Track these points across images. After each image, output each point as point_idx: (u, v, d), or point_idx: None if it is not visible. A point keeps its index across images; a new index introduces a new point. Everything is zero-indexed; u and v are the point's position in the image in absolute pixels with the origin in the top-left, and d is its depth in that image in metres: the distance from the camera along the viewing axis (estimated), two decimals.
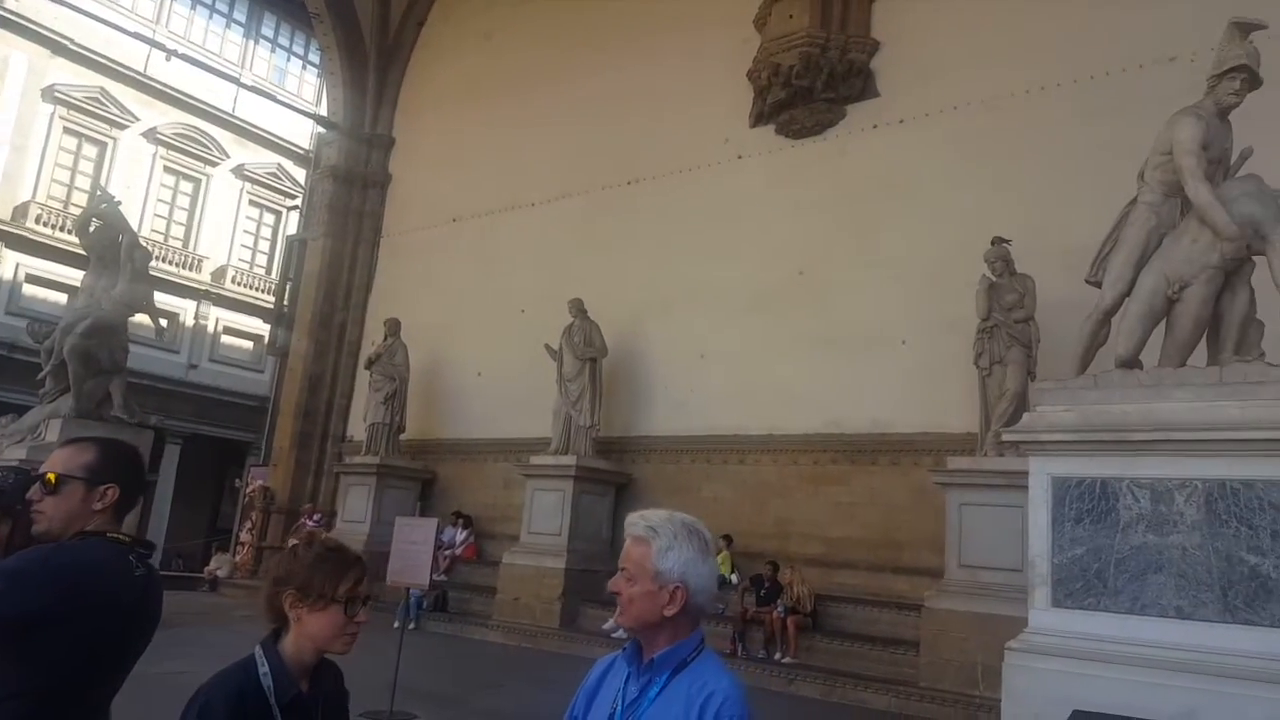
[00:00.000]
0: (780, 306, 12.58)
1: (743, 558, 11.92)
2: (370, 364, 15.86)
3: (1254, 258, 5.80)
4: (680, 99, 14.24)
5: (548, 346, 13.54)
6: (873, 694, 9.16)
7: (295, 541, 2.20)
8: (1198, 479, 5.39)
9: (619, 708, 1.97)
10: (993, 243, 10.00)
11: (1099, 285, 6.32)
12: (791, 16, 12.76)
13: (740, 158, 13.56)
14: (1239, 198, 5.68)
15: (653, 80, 14.65)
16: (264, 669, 1.96)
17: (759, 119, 13.39)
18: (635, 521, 2.03)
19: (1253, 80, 5.85)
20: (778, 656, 10.26)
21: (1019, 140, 10.95)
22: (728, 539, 11.94)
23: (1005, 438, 6.89)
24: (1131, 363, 5.98)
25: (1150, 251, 6.00)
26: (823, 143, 12.86)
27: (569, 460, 12.89)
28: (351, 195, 18.82)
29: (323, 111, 20.71)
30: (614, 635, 11.23)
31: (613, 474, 13.41)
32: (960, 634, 8.93)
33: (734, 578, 11.69)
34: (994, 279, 9.99)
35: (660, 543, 1.96)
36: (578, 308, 13.50)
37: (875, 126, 12.42)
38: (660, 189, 14.24)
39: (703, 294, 13.30)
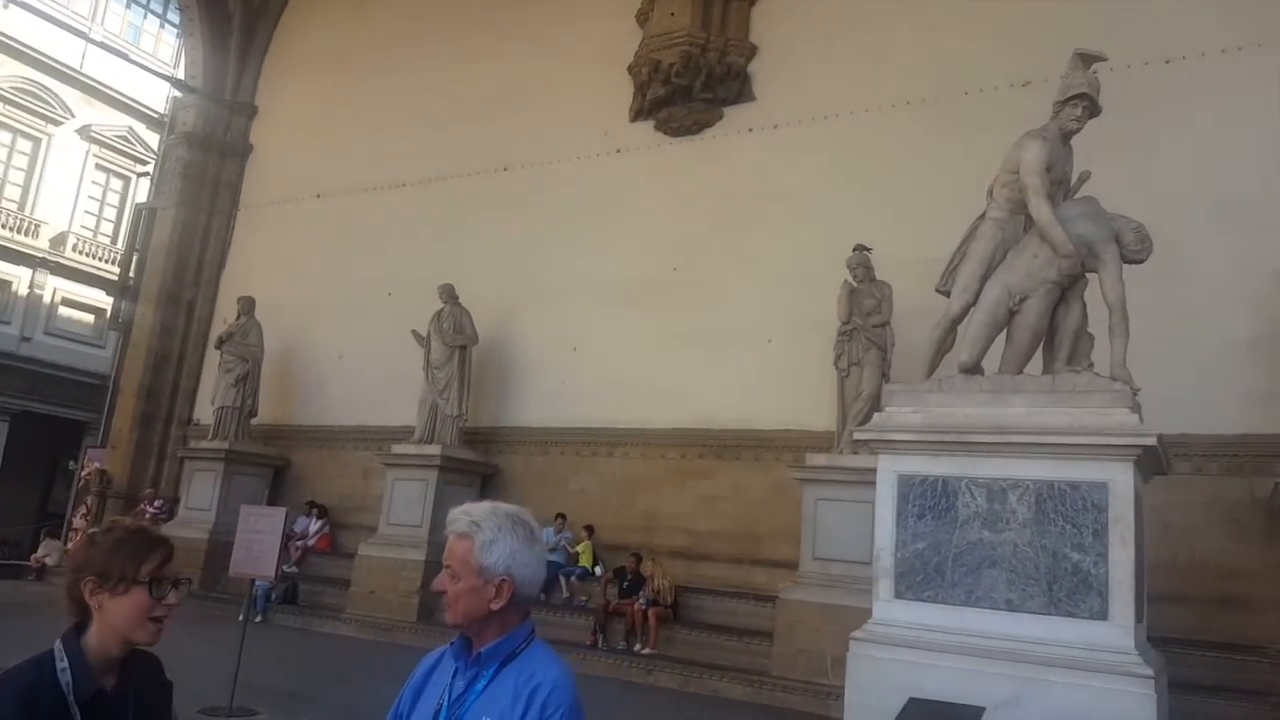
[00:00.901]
0: (654, 301, 12.68)
1: (608, 550, 11.99)
2: (221, 343, 15.09)
3: (1087, 275, 6.22)
4: (560, 88, 14.15)
5: (415, 332, 13.20)
6: (728, 684, 9.38)
7: (94, 529, 2.05)
8: (1029, 480, 5.74)
9: (445, 703, 1.92)
10: (855, 250, 10.37)
11: (948, 294, 6.63)
12: (673, 14, 12.86)
13: (619, 151, 13.58)
14: (1076, 218, 6.07)
15: (533, 67, 14.49)
16: (62, 664, 1.80)
17: (639, 114, 13.46)
18: (458, 517, 1.97)
19: (1093, 108, 6.25)
20: (638, 648, 10.35)
21: (884, 152, 11.39)
22: (589, 530, 12.00)
23: (857, 436, 7.15)
24: (974, 369, 6.30)
25: (996, 264, 6.33)
26: (700, 142, 13.04)
27: (434, 450, 12.62)
28: (208, 164, 17.81)
29: (180, 74, 19.45)
30: None
31: (479, 465, 13.21)
32: (812, 625, 9.24)
33: (597, 570, 11.74)
34: (855, 285, 10.35)
35: (484, 536, 1.92)
36: (448, 293, 13.22)
37: (751, 130, 12.68)
38: (537, 177, 14.10)
39: (577, 286, 13.27)
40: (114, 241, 24.17)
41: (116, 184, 24.98)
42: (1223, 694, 7.94)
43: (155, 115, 23.74)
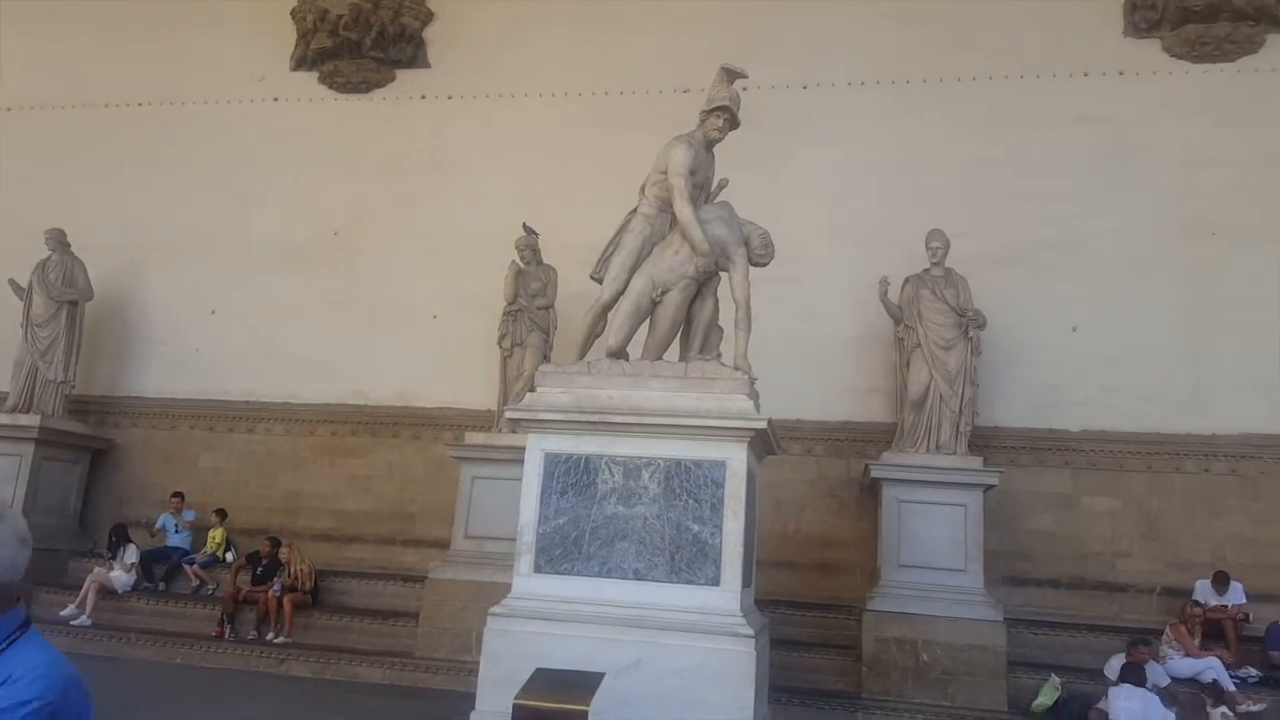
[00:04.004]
0: (309, 267, 11.92)
1: (244, 534, 11.14)
2: None
3: (720, 273, 6.77)
4: (210, 21, 12.78)
5: (13, 282, 11.37)
6: (367, 668, 9.10)
7: None
8: (661, 458, 6.14)
9: None
10: (524, 231, 10.46)
11: (602, 281, 6.92)
12: None
13: (276, 100, 12.57)
14: (713, 220, 6.59)
15: None
16: None
17: (301, 63, 12.54)
18: None
19: (733, 121, 6.79)
20: (270, 637, 9.70)
21: (554, 137, 11.56)
22: (221, 513, 11.08)
23: (508, 415, 7.24)
24: (620, 354, 6.63)
25: (644, 257, 6.69)
26: (369, 102, 12.44)
27: (30, 420, 10.93)
28: None
29: None
30: (74, 623, 9.82)
31: (88, 439, 11.65)
32: (459, 603, 9.20)
33: (229, 556, 10.87)
34: (522, 266, 10.45)
35: None
36: (58, 240, 11.49)
37: (424, 97, 12.32)
38: (178, 117, 12.66)
39: (219, 243, 12.12)
40: None
41: None
42: (819, 649, 9.08)
43: None
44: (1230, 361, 9.85)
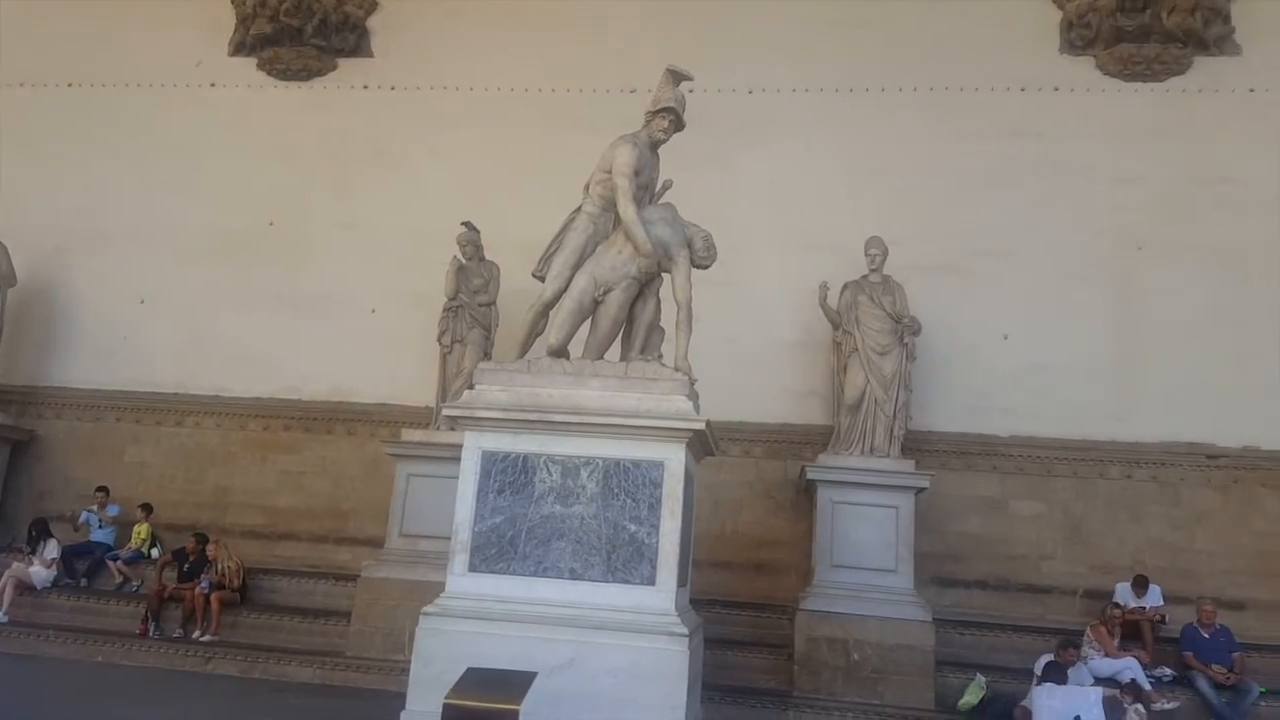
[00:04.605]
0: (244, 257, 11.66)
1: (171, 530, 10.85)
2: None
3: (662, 274, 6.79)
4: (147, 2, 12.40)
5: None
6: (297, 667, 8.94)
7: None
8: (600, 457, 6.13)
9: None
10: (465, 226, 10.36)
11: (544, 279, 6.89)
12: None
13: (213, 85, 12.26)
14: (656, 221, 6.60)
15: None
16: None
17: (239, 49, 12.26)
18: None
19: (678, 123, 6.82)
20: (197, 635, 9.47)
21: (498, 133, 11.46)
22: (147, 508, 10.77)
23: (446, 413, 7.16)
24: (561, 352, 6.61)
25: (587, 255, 6.67)
26: (309, 91, 12.20)
27: None
28: None
29: None
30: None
31: (8, 429, 11.26)
32: (393, 601, 9.09)
33: (154, 552, 10.57)
34: (464, 262, 10.35)
35: None
36: None
37: (366, 87, 12.13)
38: (109, 100, 12.28)
39: (151, 230, 11.79)
40: None
41: None
42: (753, 648, 9.17)
43: None
44: (1154, 372, 10.21)
